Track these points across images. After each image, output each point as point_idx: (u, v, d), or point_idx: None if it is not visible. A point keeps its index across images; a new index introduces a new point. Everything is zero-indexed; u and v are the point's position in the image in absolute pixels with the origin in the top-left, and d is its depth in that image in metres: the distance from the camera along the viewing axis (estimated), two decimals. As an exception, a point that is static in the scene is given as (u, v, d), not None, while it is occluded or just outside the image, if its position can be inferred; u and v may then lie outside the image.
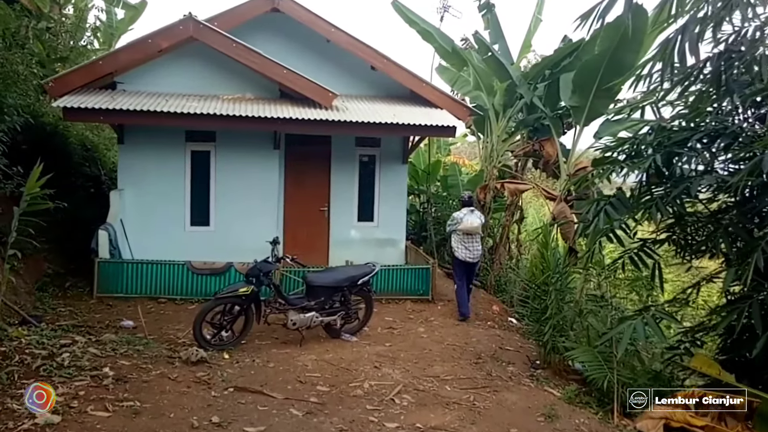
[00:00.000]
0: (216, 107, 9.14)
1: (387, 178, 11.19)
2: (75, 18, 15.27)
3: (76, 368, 5.07)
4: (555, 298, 7.28)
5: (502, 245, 12.34)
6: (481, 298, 10.53)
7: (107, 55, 9.31)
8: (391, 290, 9.70)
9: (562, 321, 7.34)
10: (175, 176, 10.07)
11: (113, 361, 5.50)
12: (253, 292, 6.99)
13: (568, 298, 7.89)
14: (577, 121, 11.03)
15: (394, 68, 10.33)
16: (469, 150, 33.04)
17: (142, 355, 5.89)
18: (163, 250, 9.68)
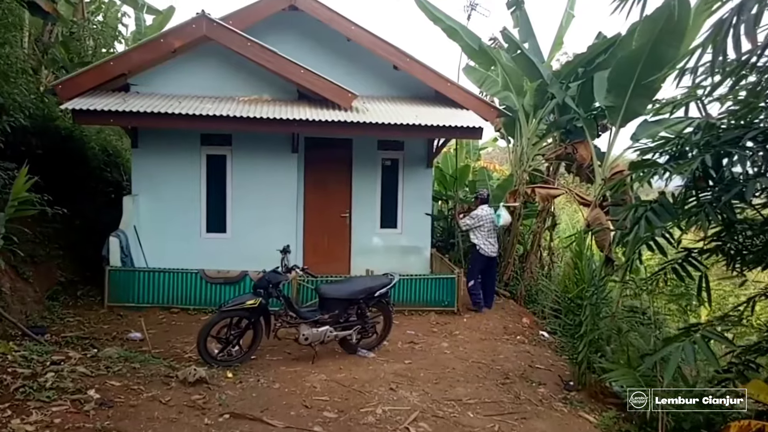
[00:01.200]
0: (231, 109, 8.67)
1: (411, 182, 10.58)
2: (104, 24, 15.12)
3: (58, 390, 4.55)
4: (590, 313, 6.54)
5: (533, 253, 11.58)
6: (510, 309, 9.81)
7: (118, 55, 8.93)
8: (414, 301, 9.06)
9: (598, 338, 6.60)
10: (190, 181, 9.64)
11: (102, 381, 4.98)
12: (261, 304, 6.45)
13: (605, 312, 7.12)
14: (612, 122, 10.23)
15: (417, 67, 9.73)
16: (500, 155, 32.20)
17: (137, 374, 5.36)
18: (179, 258, 9.28)
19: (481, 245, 9.27)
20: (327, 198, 10.43)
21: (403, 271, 10.31)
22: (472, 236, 9.32)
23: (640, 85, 9.63)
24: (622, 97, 9.81)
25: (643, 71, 9.44)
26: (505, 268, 11.12)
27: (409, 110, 9.49)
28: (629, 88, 9.65)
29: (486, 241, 9.34)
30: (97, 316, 8.28)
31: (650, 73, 9.51)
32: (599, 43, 10.18)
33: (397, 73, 10.19)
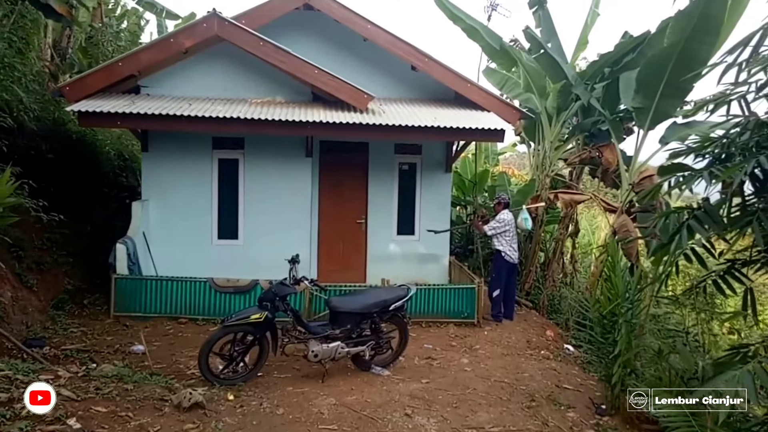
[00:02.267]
0: (243, 111, 8.06)
1: (429, 188, 9.88)
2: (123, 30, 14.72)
3: (34, 419, 3.94)
4: (626, 331, 5.79)
5: (555, 261, 10.81)
6: (533, 321, 9.05)
7: (127, 55, 8.37)
8: (431, 312, 8.36)
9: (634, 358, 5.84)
10: (201, 186, 9.07)
11: (87, 407, 4.36)
12: (267, 319, 5.81)
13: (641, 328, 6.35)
14: (640, 124, 9.44)
15: (436, 68, 9.04)
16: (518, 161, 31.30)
17: (128, 396, 4.74)
18: (189, 265, 8.73)
19: (505, 251, 8.58)
20: (342, 204, 9.79)
21: (421, 280, 9.68)
22: (496, 242, 8.62)
23: (671, 85, 8.86)
24: (652, 98, 9.04)
25: (674, 70, 8.67)
26: (526, 276, 10.37)
27: (427, 112, 8.81)
28: (659, 89, 8.88)
29: (510, 246, 8.67)
30: (102, 326, 7.71)
31: (682, 73, 8.73)
32: (626, 42, 9.41)
33: (414, 74, 9.52)
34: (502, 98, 9.13)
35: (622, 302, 5.85)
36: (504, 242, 8.59)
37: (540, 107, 10.23)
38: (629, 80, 9.91)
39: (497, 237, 8.59)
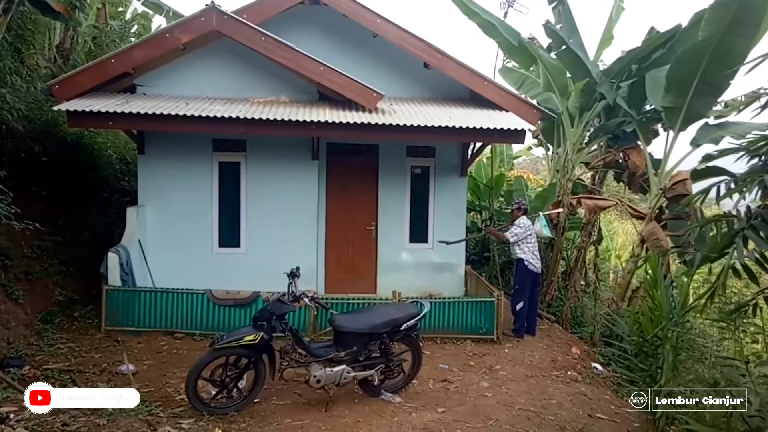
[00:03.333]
0: (244, 111, 7.31)
1: (443, 192, 9.07)
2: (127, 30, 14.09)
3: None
4: (673, 358, 4.94)
5: (577, 270, 9.93)
6: (557, 336, 8.19)
7: (120, 52, 7.66)
8: (447, 327, 7.54)
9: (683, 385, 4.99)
10: (201, 191, 8.34)
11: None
12: (263, 340, 5.04)
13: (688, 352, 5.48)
14: (670, 125, 8.58)
15: (451, 65, 8.24)
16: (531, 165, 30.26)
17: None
18: (188, 275, 8.04)
19: (528, 260, 7.76)
20: (351, 209, 9.01)
21: (435, 291, 8.88)
22: (518, 250, 7.77)
23: (705, 83, 8.01)
24: (683, 97, 8.19)
25: (709, 67, 7.82)
26: (547, 287, 9.51)
27: (441, 112, 8.02)
28: (692, 86, 8.04)
29: (533, 254, 7.86)
30: (91, 341, 6.99)
31: (717, 69, 7.87)
32: (656, 37, 8.56)
33: (427, 72, 8.73)
34: (522, 97, 8.31)
35: (667, 324, 5.00)
36: (526, 249, 7.76)
37: (561, 107, 9.39)
38: (656, 78, 9.07)
39: (519, 244, 7.76)
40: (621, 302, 8.79)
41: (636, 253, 8.73)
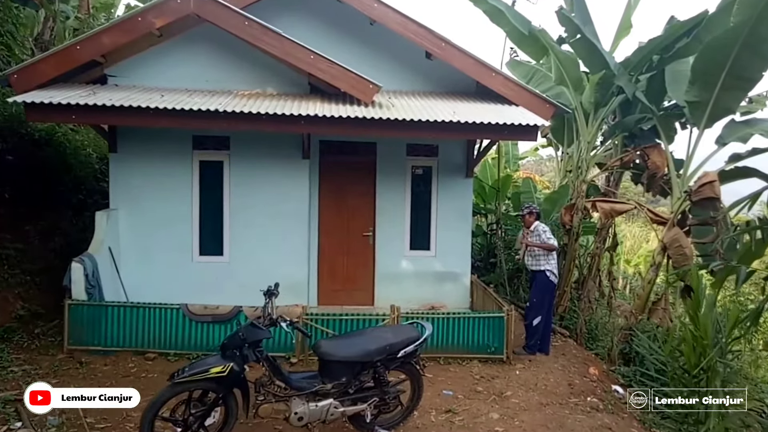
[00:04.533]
0: (224, 103, 6.43)
1: (447, 195, 8.18)
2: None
3: None
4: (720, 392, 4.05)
5: (591, 278, 9.03)
6: (572, 354, 7.28)
7: (86, 37, 6.78)
8: (451, 346, 6.64)
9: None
10: (180, 193, 7.47)
11: None
12: (233, 372, 4.15)
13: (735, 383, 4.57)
14: (695, 121, 7.68)
15: (455, 54, 7.35)
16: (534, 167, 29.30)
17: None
18: (165, 287, 7.21)
19: (552, 269, 6.90)
20: (346, 213, 8.12)
21: (437, 303, 8.00)
22: (543, 260, 6.88)
23: (735, 75, 7.11)
24: (710, 90, 7.30)
25: (740, 57, 6.94)
26: (560, 297, 8.61)
27: (444, 106, 7.13)
28: (720, 79, 7.15)
29: (555, 263, 7.02)
30: (51, 363, 6.09)
31: (749, 59, 6.98)
32: (679, 24, 7.65)
33: (430, 63, 7.85)
34: (533, 90, 7.41)
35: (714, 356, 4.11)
36: (551, 259, 6.89)
37: (574, 102, 8.50)
38: (677, 72, 8.20)
39: (543, 254, 6.87)
40: (640, 315, 7.89)
41: (657, 262, 7.83)
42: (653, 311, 7.86)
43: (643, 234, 22.72)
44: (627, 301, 11.16)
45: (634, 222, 23.86)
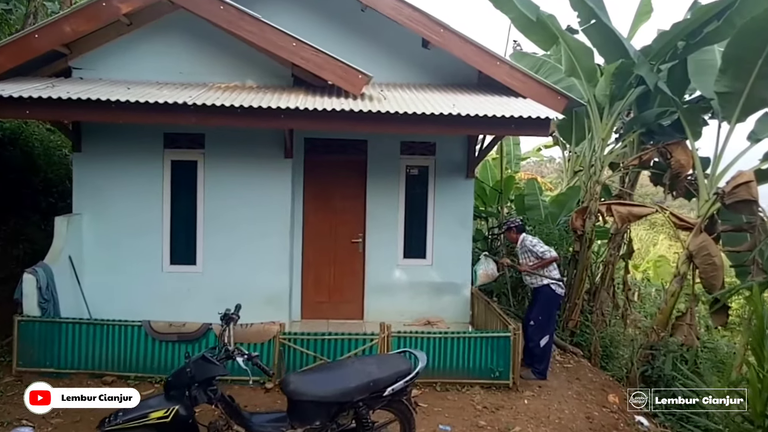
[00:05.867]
0: (192, 96, 5.59)
1: (445, 198, 7.31)
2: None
3: None
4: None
5: (605, 289, 8.15)
6: (587, 378, 6.38)
7: (45, 24, 5.99)
8: (449, 369, 5.76)
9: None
10: (149, 196, 6.63)
11: None
12: (178, 416, 3.32)
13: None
14: (725, 115, 6.79)
15: (454, 41, 6.48)
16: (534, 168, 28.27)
17: None
18: (133, 300, 6.45)
19: (555, 281, 6.06)
20: (333, 218, 7.28)
21: (434, 318, 7.14)
22: (542, 273, 6.03)
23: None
24: (744, 80, 6.41)
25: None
26: (570, 311, 7.73)
27: (442, 98, 6.26)
28: (756, 66, 6.26)
29: (558, 273, 6.18)
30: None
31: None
32: (707, 7, 6.73)
33: (427, 53, 7.00)
34: (542, 80, 6.55)
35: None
36: (552, 269, 6.05)
37: (587, 95, 7.63)
38: (701, 61, 7.33)
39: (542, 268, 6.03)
40: (662, 331, 7.00)
41: (681, 272, 6.95)
42: (677, 328, 6.97)
43: (650, 238, 21.77)
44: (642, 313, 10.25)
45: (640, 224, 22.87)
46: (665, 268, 14.90)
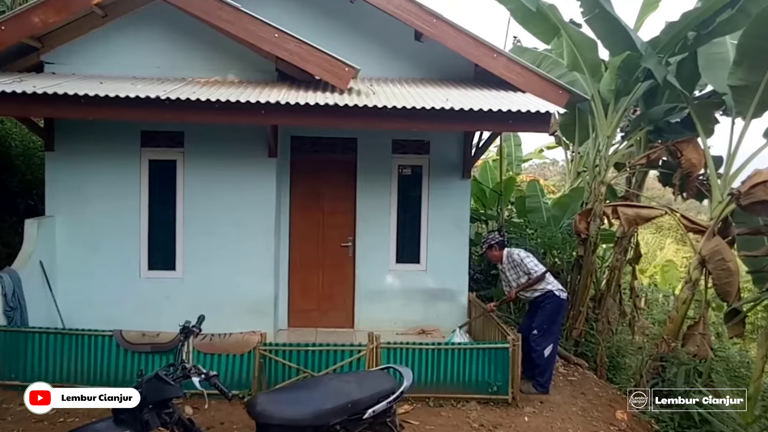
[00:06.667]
0: (167, 91, 5.19)
1: (440, 199, 6.88)
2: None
3: None
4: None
5: (611, 296, 7.67)
6: (593, 392, 5.88)
7: (11, 16, 5.62)
8: (444, 383, 5.28)
9: None
10: (126, 198, 6.24)
11: None
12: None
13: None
14: (740, 110, 6.31)
15: (448, 32, 6.05)
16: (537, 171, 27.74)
17: None
18: (108, 308, 6.08)
19: (555, 286, 5.61)
20: (322, 220, 6.87)
21: (429, 326, 6.71)
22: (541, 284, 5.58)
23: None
24: (761, 72, 5.93)
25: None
26: (574, 320, 7.25)
27: (435, 93, 5.84)
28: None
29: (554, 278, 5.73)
30: (-46, 403, 4.88)
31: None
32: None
33: (420, 45, 6.59)
34: (543, 73, 6.11)
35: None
36: (548, 276, 5.60)
37: (591, 91, 7.17)
38: (712, 54, 6.85)
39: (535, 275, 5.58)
40: (673, 341, 6.50)
41: (693, 278, 6.46)
42: (689, 337, 6.46)
43: (657, 241, 21.23)
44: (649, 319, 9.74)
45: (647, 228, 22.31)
46: (673, 273, 14.37)
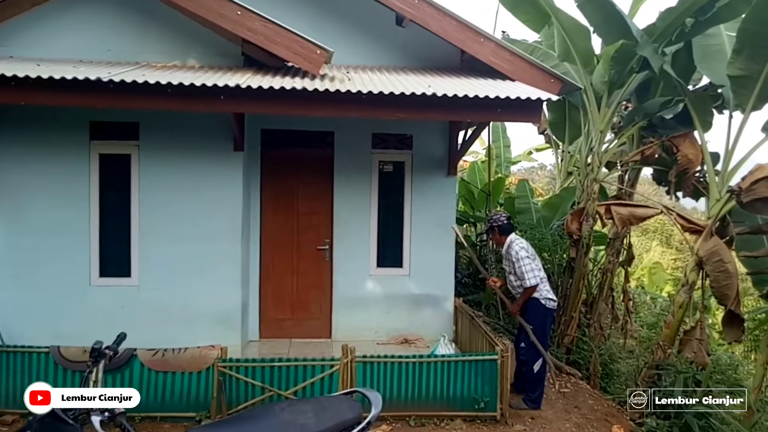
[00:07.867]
0: (111, 73, 4.51)
1: (424, 197, 6.27)
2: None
3: None
4: None
5: (603, 299, 7.13)
6: (589, 406, 5.29)
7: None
8: (426, 399, 4.67)
9: None
10: (73, 195, 5.52)
11: None
12: None
13: None
14: (739, 102, 5.80)
15: (431, 14, 5.46)
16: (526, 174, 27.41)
17: None
18: (54, 319, 5.41)
19: (545, 295, 5.01)
20: (296, 222, 6.22)
21: (412, 335, 6.09)
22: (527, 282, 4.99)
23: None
24: (761, 62, 5.43)
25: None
26: (566, 326, 6.69)
27: (417, 80, 5.23)
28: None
29: (546, 285, 5.08)
30: None
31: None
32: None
33: (402, 31, 5.98)
34: (533, 60, 5.56)
35: None
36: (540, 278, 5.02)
37: (584, 82, 6.63)
38: (708, 46, 6.36)
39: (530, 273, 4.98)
40: (669, 348, 5.97)
41: (690, 281, 5.94)
42: (685, 343, 5.93)
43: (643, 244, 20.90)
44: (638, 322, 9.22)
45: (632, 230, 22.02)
46: (660, 275, 13.94)
